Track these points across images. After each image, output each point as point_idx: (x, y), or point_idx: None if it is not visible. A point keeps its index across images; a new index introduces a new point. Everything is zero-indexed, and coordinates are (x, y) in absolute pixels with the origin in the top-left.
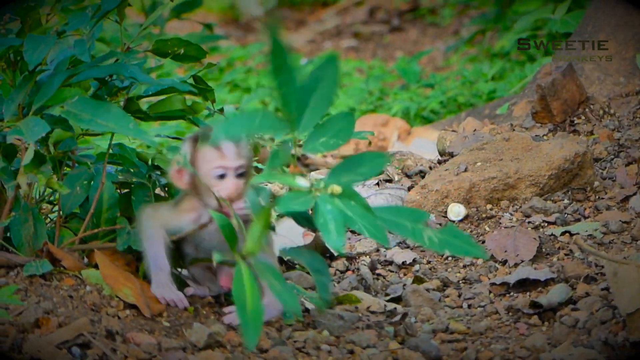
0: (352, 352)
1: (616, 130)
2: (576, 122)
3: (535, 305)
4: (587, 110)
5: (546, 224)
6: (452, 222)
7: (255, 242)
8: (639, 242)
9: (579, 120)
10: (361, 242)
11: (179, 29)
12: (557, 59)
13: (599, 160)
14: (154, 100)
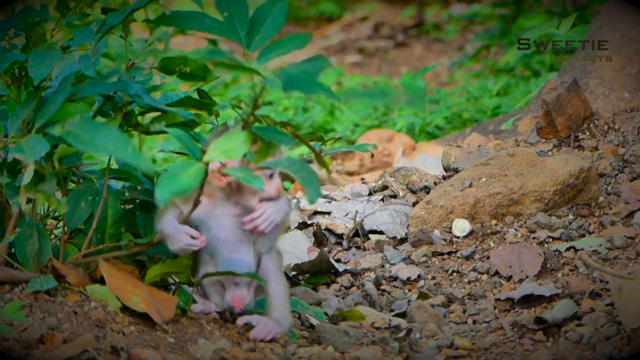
0: None
1: (621, 145)
2: (581, 137)
3: (540, 320)
4: (591, 125)
5: (551, 240)
6: (457, 237)
7: None
8: None
9: (584, 135)
10: (366, 258)
11: (183, 44)
12: (562, 74)
13: (603, 175)
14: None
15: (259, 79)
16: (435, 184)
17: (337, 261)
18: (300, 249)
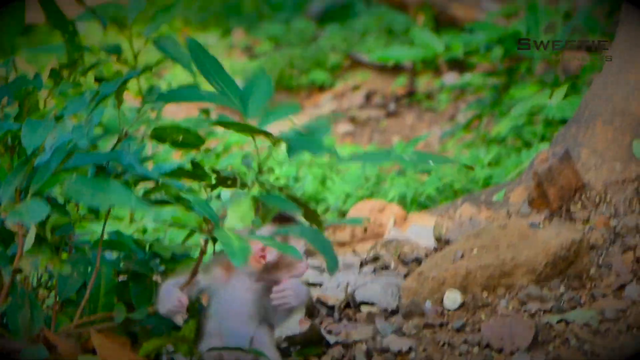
0: None
1: (612, 217)
2: (572, 209)
3: None
4: (583, 196)
5: (542, 312)
6: (449, 309)
7: None
8: (634, 330)
9: (575, 207)
10: (357, 330)
11: (175, 112)
12: (553, 145)
13: (595, 247)
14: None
15: (263, 142)
16: (426, 255)
17: (329, 333)
18: (291, 321)
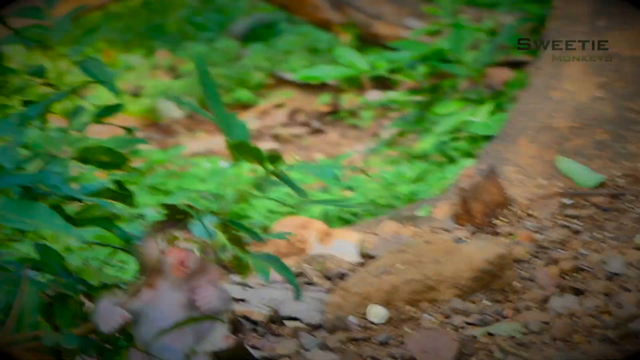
0: None
1: (537, 231)
2: (497, 223)
3: None
4: (507, 212)
5: (467, 325)
6: (373, 323)
7: None
8: (559, 342)
9: (500, 222)
10: (282, 344)
11: (98, 132)
12: (479, 161)
13: (519, 261)
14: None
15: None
16: (351, 270)
17: (254, 348)
18: (216, 336)
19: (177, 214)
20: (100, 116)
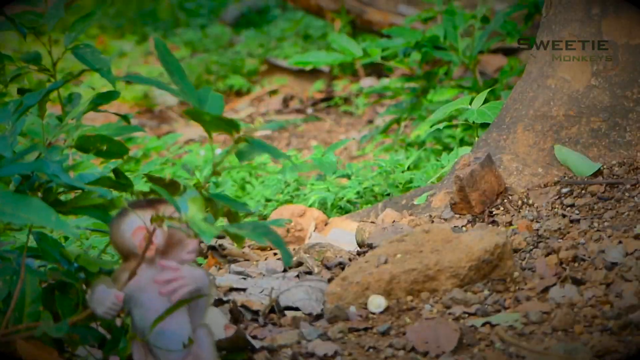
0: None
1: (535, 220)
2: (495, 213)
3: None
4: (505, 201)
5: (467, 315)
6: (373, 314)
7: None
8: (559, 332)
9: (498, 211)
10: (282, 335)
11: (93, 119)
12: (475, 150)
13: (518, 251)
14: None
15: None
16: (350, 260)
17: (254, 338)
18: (216, 326)
19: (163, 187)
20: (96, 103)
